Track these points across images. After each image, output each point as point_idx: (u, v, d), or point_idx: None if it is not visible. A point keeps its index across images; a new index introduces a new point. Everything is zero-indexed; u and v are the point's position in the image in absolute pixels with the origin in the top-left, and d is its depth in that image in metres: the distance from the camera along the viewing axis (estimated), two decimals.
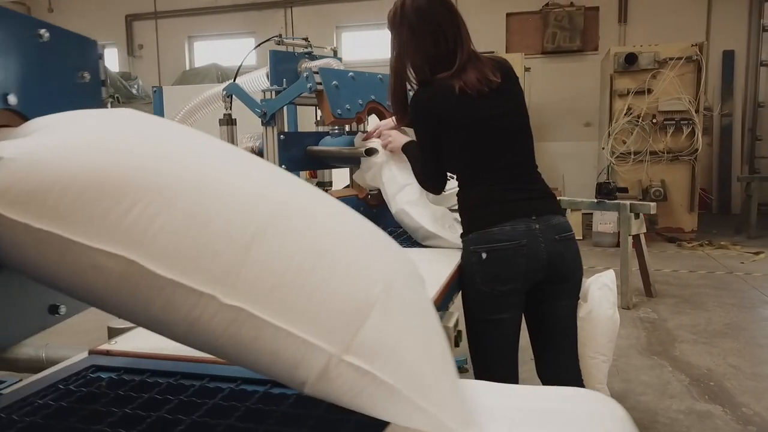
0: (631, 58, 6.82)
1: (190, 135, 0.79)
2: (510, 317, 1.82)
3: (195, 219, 0.69)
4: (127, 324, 1.14)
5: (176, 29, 11.06)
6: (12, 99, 0.77)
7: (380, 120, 2.43)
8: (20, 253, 0.68)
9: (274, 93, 2.37)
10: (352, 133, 2.50)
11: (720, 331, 4.01)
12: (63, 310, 0.89)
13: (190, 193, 0.70)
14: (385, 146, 2.20)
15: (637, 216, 4.55)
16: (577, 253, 1.88)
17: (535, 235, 1.75)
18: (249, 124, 2.60)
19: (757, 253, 6.33)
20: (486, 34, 9.26)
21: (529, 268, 1.77)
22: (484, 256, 1.75)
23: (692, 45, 6.90)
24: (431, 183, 1.97)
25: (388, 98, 1.97)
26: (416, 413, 0.73)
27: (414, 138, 1.99)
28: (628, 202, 4.57)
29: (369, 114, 2.44)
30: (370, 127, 2.38)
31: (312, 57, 2.59)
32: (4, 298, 0.80)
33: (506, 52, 9.27)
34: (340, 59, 2.71)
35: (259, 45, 2.55)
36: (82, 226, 0.67)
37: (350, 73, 2.33)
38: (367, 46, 10.10)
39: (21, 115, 0.80)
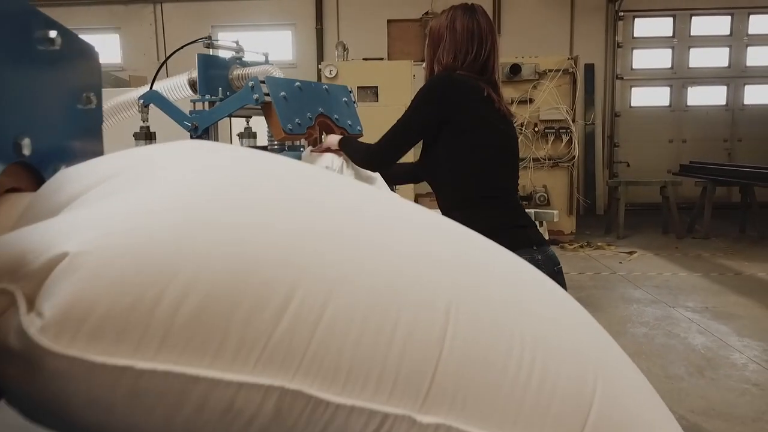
0: (515, 69, 7.08)
1: (318, 175, 0.55)
2: None
3: (368, 310, 0.47)
4: None
5: None
6: (27, 145, 0.47)
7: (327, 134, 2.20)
8: (99, 414, 0.40)
9: (207, 104, 2.05)
10: (293, 148, 2.25)
11: (621, 332, 4.21)
12: None
13: (354, 274, 0.47)
14: (322, 150, 2.05)
15: (541, 224, 4.68)
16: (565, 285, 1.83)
17: (539, 267, 1.65)
18: (170, 138, 2.23)
19: (630, 253, 6.83)
20: (367, 40, 9.21)
21: None
22: None
23: (568, 58, 7.33)
24: (382, 157, 1.87)
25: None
26: None
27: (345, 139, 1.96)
28: (533, 210, 4.69)
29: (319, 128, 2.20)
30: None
31: (243, 63, 2.29)
32: None
33: (388, 58, 9.27)
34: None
35: (186, 45, 2.20)
36: (212, 353, 0.41)
37: (297, 83, 2.07)
38: (247, 47, 9.62)
39: (30, 168, 0.50)
